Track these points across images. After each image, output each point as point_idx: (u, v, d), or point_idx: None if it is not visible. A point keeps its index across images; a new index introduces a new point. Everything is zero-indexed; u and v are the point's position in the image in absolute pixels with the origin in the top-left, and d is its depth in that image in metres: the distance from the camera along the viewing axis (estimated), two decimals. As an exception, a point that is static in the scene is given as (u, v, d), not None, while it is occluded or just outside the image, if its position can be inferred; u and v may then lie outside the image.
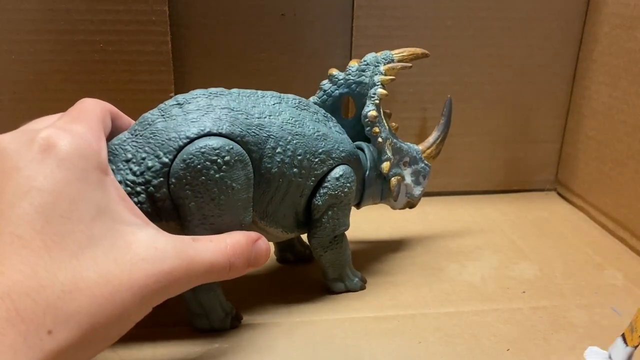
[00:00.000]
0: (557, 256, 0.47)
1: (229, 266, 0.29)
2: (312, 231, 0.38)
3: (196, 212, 0.32)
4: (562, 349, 0.34)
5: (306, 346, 0.34)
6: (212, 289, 0.34)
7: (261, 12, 0.51)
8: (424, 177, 0.44)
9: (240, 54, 0.52)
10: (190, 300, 0.34)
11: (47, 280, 0.22)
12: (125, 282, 0.24)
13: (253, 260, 0.31)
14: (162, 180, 0.32)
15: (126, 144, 0.32)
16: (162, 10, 0.48)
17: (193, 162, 0.31)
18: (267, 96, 0.36)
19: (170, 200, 0.32)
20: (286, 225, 0.37)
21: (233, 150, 0.32)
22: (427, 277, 0.43)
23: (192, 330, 0.35)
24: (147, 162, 0.32)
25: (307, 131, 0.35)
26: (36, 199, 0.24)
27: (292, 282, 0.42)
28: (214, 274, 0.29)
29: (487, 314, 0.38)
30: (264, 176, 0.34)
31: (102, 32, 0.48)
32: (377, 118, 0.39)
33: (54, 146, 0.26)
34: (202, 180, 0.31)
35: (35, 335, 0.22)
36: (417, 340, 0.35)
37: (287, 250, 0.45)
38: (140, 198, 0.32)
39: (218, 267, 0.29)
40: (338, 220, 0.38)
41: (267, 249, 0.32)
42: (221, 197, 0.32)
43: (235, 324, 0.36)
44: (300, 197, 0.36)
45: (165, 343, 0.34)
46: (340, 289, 0.40)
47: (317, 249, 0.38)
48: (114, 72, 0.49)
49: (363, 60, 0.41)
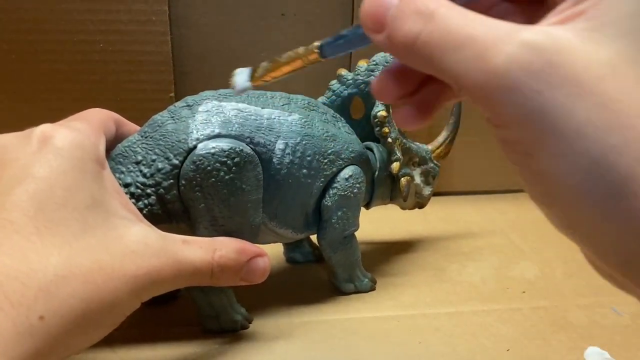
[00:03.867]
0: (557, 256, 0.47)
1: (210, 276, 0.29)
2: (322, 232, 0.38)
3: (206, 214, 0.32)
4: (562, 349, 0.34)
5: (306, 346, 0.34)
6: (222, 290, 0.34)
7: (261, 12, 0.51)
8: (433, 177, 0.44)
9: (240, 54, 0.52)
10: (201, 301, 0.34)
11: (38, 264, 0.22)
12: (118, 271, 0.24)
13: (245, 276, 0.31)
14: (173, 182, 0.32)
15: (136, 145, 0.32)
16: (162, 10, 0.48)
17: (203, 163, 0.31)
18: (276, 97, 0.36)
19: (180, 202, 0.32)
20: (296, 226, 0.37)
21: (243, 151, 0.32)
22: (427, 277, 0.43)
23: (191, 331, 0.35)
24: (157, 164, 0.32)
25: (316, 132, 0.35)
26: (31, 185, 0.24)
27: (295, 283, 0.42)
28: (198, 279, 0.29)
29: (487, 314, 0.38)
30: (273, 177, 0.34)
31: (102, 32, 0.48)
32: (386, 118, 0.39)
33: (51, 137, 0.26)
34: (212, 182, 0.31)
35: (26, 320, 0.21)
36: (417, 340, 0.35)
37: (296, 250, 0.45)
38: (151, 200, 0.32)
39: (201, 274, 0.28)
40: (347, 220, 0.37)
41: (264, 268, 0.31)
42: (231, 198, 0.32)
43: (245, 325, 0.36)
44: (310, 198, 0.36)
45: (165, 343, 0.34)
46: (350, 289, 0.40)
47: (326, 250, 0.38)
48: (114, 72, 0.49)
49: (372, 60, 0.40)
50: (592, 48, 0.16)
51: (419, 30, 0.17)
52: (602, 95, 0.15)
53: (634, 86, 0.15)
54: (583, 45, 0.16)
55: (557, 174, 0.16)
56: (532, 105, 0.16)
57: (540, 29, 0.16)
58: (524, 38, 0.16)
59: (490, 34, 0.16)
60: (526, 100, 0.16)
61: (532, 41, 0.16)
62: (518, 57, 0.16)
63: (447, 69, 0.17)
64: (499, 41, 0.16)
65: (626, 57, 0.16)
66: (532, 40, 0.16)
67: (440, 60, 0.17)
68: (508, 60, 0.16)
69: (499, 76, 0.16)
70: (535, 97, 0.16)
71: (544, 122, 0.16)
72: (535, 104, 0.16)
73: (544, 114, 0.16)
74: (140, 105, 0.50)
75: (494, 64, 0.16)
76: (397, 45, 0.18)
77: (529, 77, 0.16)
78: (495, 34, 0.16)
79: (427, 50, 0.17)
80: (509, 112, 0.16)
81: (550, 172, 0.16)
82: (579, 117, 0.15)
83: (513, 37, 0.16)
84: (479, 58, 0.16)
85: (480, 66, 0.16)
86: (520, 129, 0.16)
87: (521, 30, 0.16)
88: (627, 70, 0.16)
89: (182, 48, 0.51)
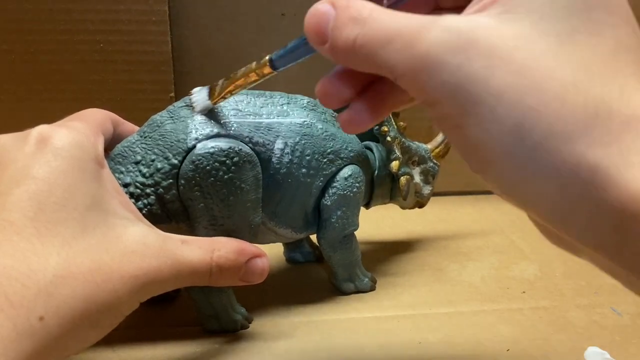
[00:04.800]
0: (557, 256, 0.47)
1: (209, 276, 0.29)
2: (321, 231, 0.38)
3: (205, 213, 0.32)
4: (562, 349, 0.34)
5: (306, 346, 0.34)
6: (222, 290, 0.34)
7: (261, 12, 0.51)
8: (432, 176, 0.44)
9: (240, 54, 0.52)
10: (201, 301, 0.34)
11: (38, 265, 0.22)
12: (117, 271, 0.24)
13: (243, 276, 0.30)
14: (172, 182, 0.32)
15: (135, 145, 0.32)
16: (162, 10, 0.48)
17: (202, 163, 0.31)
18: (275, 96, 0.36)
19: (179, 202, 0.32)
20: (295, 225, 0.37)
21: (242, 151, 0.32)
22: (427, 277, 0.43)
23: (191, 331, 0.35)
24: (156, 163, 0.32)
25: (315, 131, 0.35)
26: (30, 186, 0.24)
27: (295, 283, 0.42)
28: (197, 279, 0.29)
29: (487, 314, 0.38)
30: (272, 177, 0.34)
31: (102, 32, 0.48)
32: (385, 117, 0.39)
33: (50, 138, 0.26)
34: (211, 182, 0.31)
35: (26, 321, 0.21)
36: (417, 340, 0.35)
37: (296, 250, 0.45)
38: (150, 200, 0.32)
39: (200, 275, 0.28)
40: (347, 220, 0.37)
41: (263, 268, 0.31)
42: (230, 197, 0.32)
43: (245, 325, 0.36)
44: (309, 198, 0.36)
45: (165, 343, 0.34)
46: (350, 289, 0.40)
47: (326, 250, 0.38)
48: (114, 72, 0.50)
49: None
50: (506, 26, 0.18)
51: (356, 34, 0.19)
52: (515, 63, 0.17)
53: (543, 55, 0.17)
54: (497, 24, 0.18)
55: (484, 141, 0.18)
56: (455, 80, 0.18)
57: (459, 17, 0.18)
58: (445, 23, 0.18)
59: (415, 25, 0.18)
60: (449, 76, 0.18)
61: (451, 25, 0.18)
62: (440, 39, 0.18)
63: (383, 63, 0.19)
64: (423, 29, 0.18)
65: (536, 30, 0.18)
66: (452, 24, 0.18)
67: (376, 56, 0.19)
68: (431, 44, 0.18)
69: (425, 59, 0.18)
70: (456, 71, 0.17)
71: (467, 94, 0.17)
72: (457, 78, 0.18)
73: (466, 86, 0.17)
74: (140, 105, 0.50)
75: (419, 49, 0.18)
76: (340, 52, 0.20)
77: (450, 55, 0.18)
78: (420, 24, 0.18)
79: (365, 49, 0.19)
80: (436, 89, 0.18)
81: (478, 140, 0.18)
82: (497, 85, 0.17)
83: (435, 24, 0.18)
84: (407, 47, 0.18)
85: (409, 53, 0.18)
86: (448, 103, 0.18)
87: (442, 19, 0.18)
88: (537, 41, 0.17)
89: (182, 48, 0.51)
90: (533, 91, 0.17)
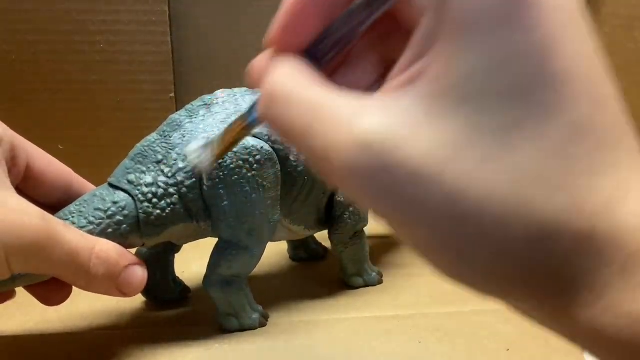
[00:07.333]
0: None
1: (88, 267, 0.28)
2: (334, 227, 0.38)
3: (229, 212, 0.32)
4: (562, 349, 0.34)
5: (307, 345, 0.34)
6: (241, 288, 0.35)
7: (261, 12, 0.51)
8: None
9: (241, 55, 0.52)
10: (220, 300, 0.35)
11: None
12: None
13: (121, 282, 0.29)
14: (195, 181, 0.32)
15: (156, 145, 0.33)
16: (162, 10, 0.48)
17: (226, 162, 0.31)
18: None
19: (202, 201, 0.32)
20: (309, 223, 0.37)
21: (263, 149, 0.32)
22: (427, 277, 0.43)
23: (192, 330, 0.35)
24: (178, 163, 0.32)
25: None
26: None
27: (296, 282, 0.42)
28: (74, 266, 0.28)
29: (487, 314, 0.38)
30: (290, 174, 0.34)
31: (102, 32, 0.48)
32: None
33: None
34: (235, 180, 0.32)
35: None
36: (417, 340, 0.35)
37: (302, 248, 0.45)
38: (173, 199, 0.32)
39: (79, 262, 0.28)
40: (359, 216, 0.38)
41: (141, 278, 0.30)
42: (253, 195, 0.32)
43: (263, 323, 0.36)
44: (323, 195, 0.37)
45: (165, 343, 0.34)
46: (359, 283, 0.41)
47: (338, 246, 0.39)
48: (114, 72, 0.50)
49: None
50: (433, 128, 0.15)
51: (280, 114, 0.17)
52: (446, 186, 0.14)
53: (477, 169, 0.14)
54: (422, 129, 0.15)
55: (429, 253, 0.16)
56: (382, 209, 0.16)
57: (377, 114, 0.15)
58: (358, 136, 0.15)
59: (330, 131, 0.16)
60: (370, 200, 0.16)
61: (365, 141, 0.15)
62: (354, 162, 0.15)
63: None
64: (337, 142, 0.16)
65: (470, 128, 0.14)
66: (365, 140, 0.15)
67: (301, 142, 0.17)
68: (346, 165, 0.15)
69: (343, 179, 0.16)
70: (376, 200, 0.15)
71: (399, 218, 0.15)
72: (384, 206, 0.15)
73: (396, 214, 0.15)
74: (140, 105, 0.50)
75: (336, 166, 0.16)
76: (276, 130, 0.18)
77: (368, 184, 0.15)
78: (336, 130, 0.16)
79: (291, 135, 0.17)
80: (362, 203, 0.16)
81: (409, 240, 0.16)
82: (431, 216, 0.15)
83: (350, 133, 0.15)
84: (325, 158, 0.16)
85: (328, 165, 0.16)
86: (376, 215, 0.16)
87: (357, 118, 0.15)
88: (471, 148, 0.14)
89: (182, 48, 0.51)
90: (470, 219, 0.14)
